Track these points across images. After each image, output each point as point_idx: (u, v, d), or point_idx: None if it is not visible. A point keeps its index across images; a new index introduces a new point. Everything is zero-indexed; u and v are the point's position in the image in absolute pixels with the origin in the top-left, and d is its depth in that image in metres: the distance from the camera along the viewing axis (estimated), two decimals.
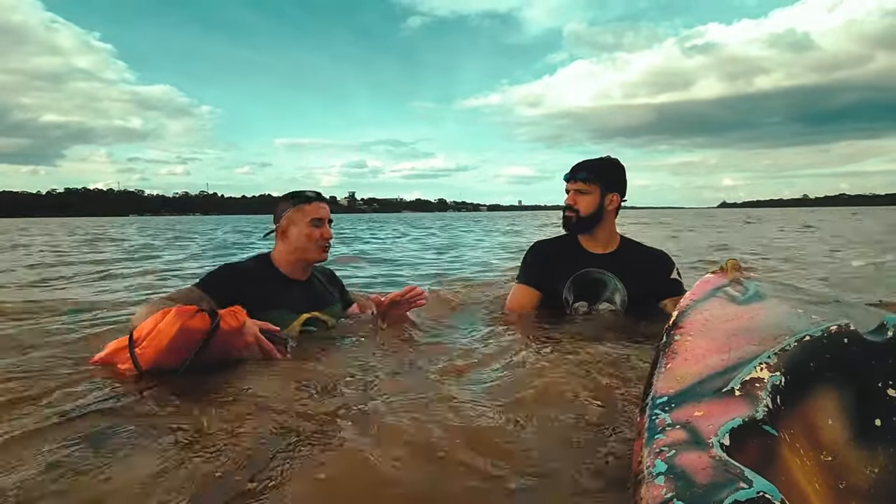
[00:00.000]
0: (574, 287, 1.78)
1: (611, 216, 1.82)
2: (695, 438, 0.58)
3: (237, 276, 1.59)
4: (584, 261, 1.81)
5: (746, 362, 0.70)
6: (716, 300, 1.03)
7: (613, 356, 1.38)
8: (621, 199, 1.81)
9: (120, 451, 0.89)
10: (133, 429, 0.97)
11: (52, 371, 1.33)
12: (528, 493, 0.78)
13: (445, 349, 1.56)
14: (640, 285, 1.77)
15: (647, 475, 0.55)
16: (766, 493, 0.46)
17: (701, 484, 0.50)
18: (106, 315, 2.28)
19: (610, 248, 1.85)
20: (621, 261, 1.81)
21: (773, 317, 0.88)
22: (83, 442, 0.92)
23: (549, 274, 1.83)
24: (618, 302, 1.76)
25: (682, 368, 0.77)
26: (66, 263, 5.45)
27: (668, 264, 1.85)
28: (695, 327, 0.90)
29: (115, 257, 6.39)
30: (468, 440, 0.92)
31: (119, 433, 0.95)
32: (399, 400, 1.10)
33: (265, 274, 1.65)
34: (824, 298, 1.06)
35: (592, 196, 1.77)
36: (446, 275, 4.07)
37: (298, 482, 0.80)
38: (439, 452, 0.88)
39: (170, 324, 1.12)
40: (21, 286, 3.63)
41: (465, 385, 1.22)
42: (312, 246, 1.65)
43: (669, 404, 0.67)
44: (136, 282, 3.86)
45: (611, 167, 1.82)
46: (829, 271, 4.01)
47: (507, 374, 1.29)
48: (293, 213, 1.66)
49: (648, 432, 0.63)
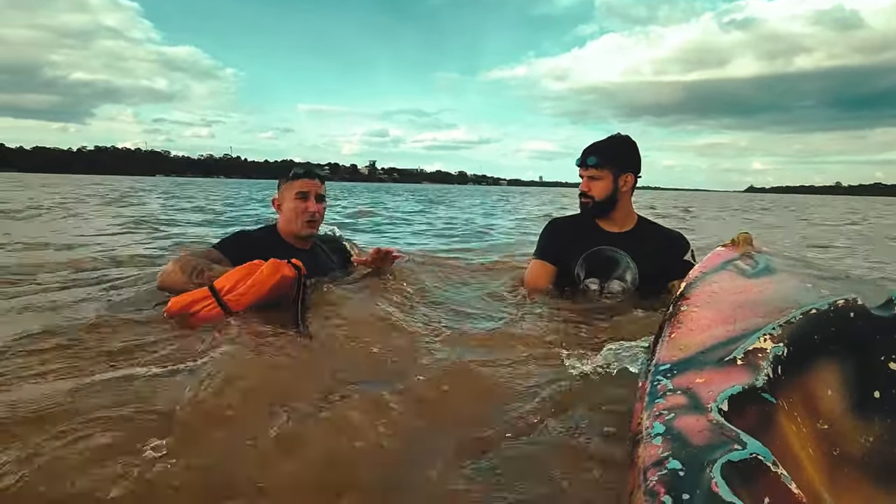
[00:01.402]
0: (586, 264, 1.80)
1: (626, 196, 1.82)
2: (694, 403, 0.60)
3: (248, 242, 1.72)
4: (598, 238, 1.83)
5: (751, 333, 0.72)
6: (725, 273, 1.03)
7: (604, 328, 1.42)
8: (636, 177, 1.80)
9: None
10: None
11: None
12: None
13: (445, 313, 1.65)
14: (652, 265, 1.78)
15: (644, 436, 0.57)
16: (759, 455, 0.48)
17: (696, 445, 0.52)
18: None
19: (626, 227, 1.85)
20: (636, 240, 1.82)
21: (781, 290, 0.89)
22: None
23: (563, 250, 1.86)
24: (629, 280, 1.78)
25: (687, 338, 0.79)
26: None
27: (682, 246, 1.85)
28: (701, 298, 0.91)
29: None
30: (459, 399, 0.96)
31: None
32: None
33: (272, 242, 1.76)
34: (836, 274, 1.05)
35: (605, 181, 1.78)
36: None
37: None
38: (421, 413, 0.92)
39: (270, 274, 1.39)
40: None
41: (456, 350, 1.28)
42: (297, 219, 1.75)
43: (671, 371, 0.69)
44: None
45: (622, 147, 1.81)
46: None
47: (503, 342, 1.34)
48: (285, 187, 1.78)
49: (649, 396, 0.65)
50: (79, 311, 1.54)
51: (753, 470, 0.47)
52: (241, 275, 1.41)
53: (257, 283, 1.38)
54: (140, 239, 4.11)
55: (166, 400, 0.93)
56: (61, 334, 1.31)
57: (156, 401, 0.93)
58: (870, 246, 5.28)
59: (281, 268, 1.40)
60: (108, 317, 1.46)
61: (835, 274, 1.06)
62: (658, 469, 0.50)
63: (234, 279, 1.40)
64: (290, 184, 1.77)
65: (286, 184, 1.78)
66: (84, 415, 0.87)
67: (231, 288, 1.39)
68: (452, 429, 0.91)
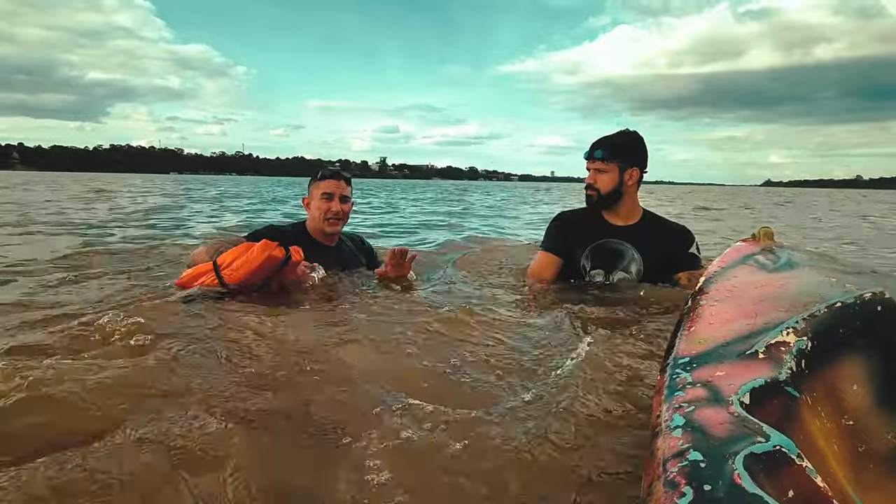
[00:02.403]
0: (592, 256, 1.85)
1: (631, 190, 1.86)
2: (714, 396, 0.59)
3: (276, 235, 1.81)
4: (604, 231, 1.87)
5: (773, 327, 0.70)
6: (745, 267, 1.02)
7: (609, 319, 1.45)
8: (642, 172, 1.84)
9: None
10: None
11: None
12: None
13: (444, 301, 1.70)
14: (656, 257, 1.82)
15: (664, 428, 0.57)
16: (783, 447, 0.47)
17: (718, 437, 0.51)
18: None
19: (631, 220, 1.90)
20: (641, 233, 1.86)
21: (804, 284, 0.87)
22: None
23: (570, 242, 1.91)
24: (633, 272, 1.82)
25: (706, 332, 0.77)
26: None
27: (687, 239, 1.89)
28: (721, 293, 0.90)
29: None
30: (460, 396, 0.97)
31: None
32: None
33: (300, 238, 1.87)
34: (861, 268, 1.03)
35: (611, 174, 1.81)
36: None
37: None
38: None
39: (259, 252, 1.52)
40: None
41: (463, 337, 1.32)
42: (321, 218, 1.88)
43: (691, 364, 0.68)
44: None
45: (628, 141, 1.84)
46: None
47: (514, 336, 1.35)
48: (313, 188, 1.91)
49: (668, 389, 0.64)
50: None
51: (777, 462, 0.46)
52: (238, 253, 1.56)
53: (249, 261, 1.52)
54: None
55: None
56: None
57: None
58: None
59: (269, 248, 1.53)
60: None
61: (860, 268, 1.04)
62: (678, 460, 0.49)
63: (233, 256, 1.55)
64: (317, 184, 1.89)
65: (314, 184, 1.90)
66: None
67: (228, 264, 1.54)
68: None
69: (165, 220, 5.80)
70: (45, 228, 4.24)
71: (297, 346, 1.20)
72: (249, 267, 1.52)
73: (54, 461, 0.72)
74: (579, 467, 0.77)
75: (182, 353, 1.10)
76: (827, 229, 6.90)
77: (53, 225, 4.55)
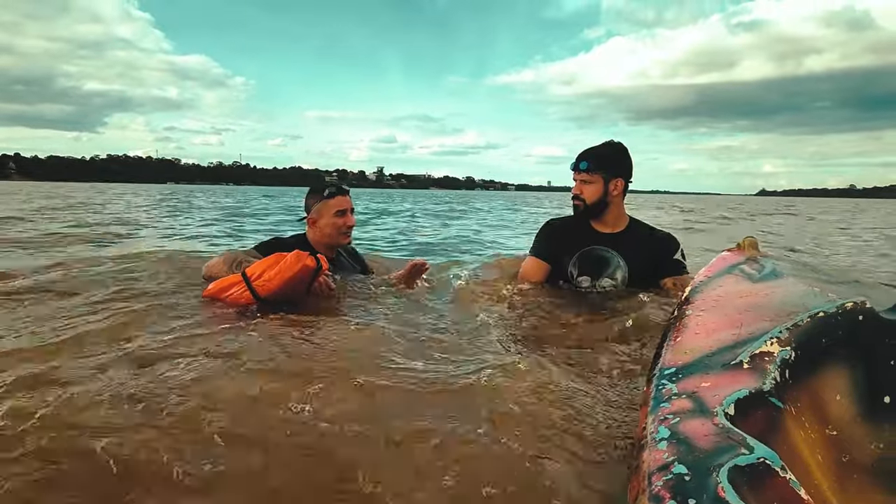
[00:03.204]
0: (579, 262, 1.91)
1: (617, 200, 1.92)
2: (699, 407, 0.59)
3: (281, 246, 1.88)
4: (591, 239, 1.93)
5: (757, 337, 0.70)
6: (730, 277, 1.02)
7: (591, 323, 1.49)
8: (626, 182, 1.90)
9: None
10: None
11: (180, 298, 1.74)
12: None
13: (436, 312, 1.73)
14: (642, 264, 1.88)
15: (650, 440, 0.56)
16: (767, 459, 0.47)
17: (702, 449, 0.51)
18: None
19: (617, 228, 1.95)
20: (626, 240, 1.92)
21: (788, 294, 0.88)
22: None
23: (558, 249, 1.97)
24: (619, 278, 1.87)
25: (692, 342, 0.78)
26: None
27: (672, 245, 1.94)
28: (707, 303, 0.90)
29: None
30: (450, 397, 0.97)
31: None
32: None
33: (303, 249, 1.93)
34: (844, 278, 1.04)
35: (597, 185, 1.87)
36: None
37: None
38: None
39: (294, 262, 1.52)
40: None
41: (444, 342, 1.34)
42: (337, 233, 1.96)
43: (676, 375, 0.68)
44: None
45: (613, 153, 1.90)
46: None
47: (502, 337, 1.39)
48: (321, 206, 1.97)
49: (654, 401, 0.64)
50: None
51: (761, 475, 0.46)
52: (269, 263, 1.56)
53: (282, 271, 1.52)
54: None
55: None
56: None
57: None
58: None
59: (303, 258, 1.54)
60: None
61: (843, 278, 1.05)
62: (663, 474, 0.49)
63: (263, 267, 1.56)
64: (326, 203, 1.96)
65: (322, 202, 1.97)
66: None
67: (259, 275, 1.54)
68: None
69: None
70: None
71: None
72: (283, 276, 1.53)
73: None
74: (556, 483, 0.76)
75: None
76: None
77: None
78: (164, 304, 1.63)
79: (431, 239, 5.72)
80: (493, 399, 0.94)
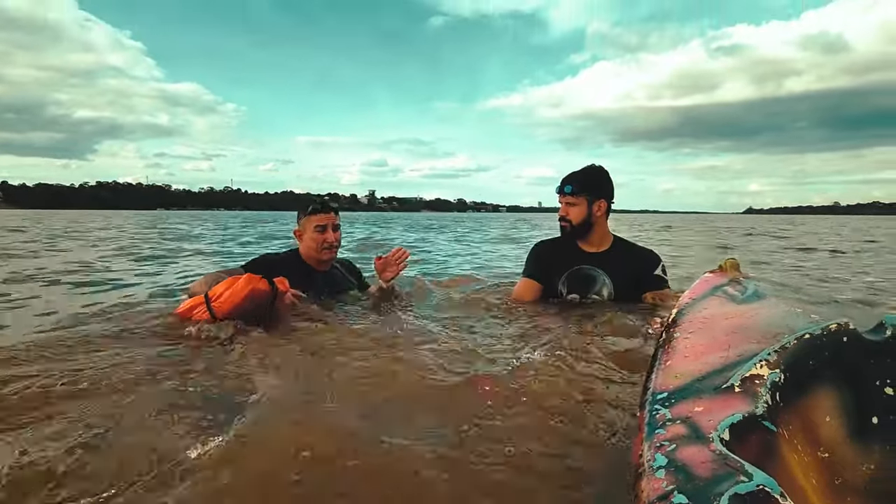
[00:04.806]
0: (568, 281, 2.01)
1: (601, 220, 2.03)
2: (695, 433, 0.58)
3: (274, 263, 1.98)
4: (578, 259, 2.04)
5: (746, 360, 0.71)
6: (715, 298, 1.04)
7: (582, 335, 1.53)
8: (609, 203, 2.02)
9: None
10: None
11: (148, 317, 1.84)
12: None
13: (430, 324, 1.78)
14: (625, 280, 1.99)
15: (647, 469, 0.56)
16: (766, 487, 0.47)
17: (701, 477, 0.50)
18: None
19: (602, 247, 2.06)
20: (611, 259, 2.03)
21: (772, 315, 0.89)
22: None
23: (547, 269, 2.07)
24: (605, 294, 1.98)
25: (682, 365, 0.78)
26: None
27: (653, 262, 2.05)
28: (694, 325, 0.91)
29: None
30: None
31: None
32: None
33: (295, 264, 2.04)
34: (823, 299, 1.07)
35: (581, 207, 1.99)
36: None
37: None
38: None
39: (243, 286, 1.56)
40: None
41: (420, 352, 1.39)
42: (318, 248, 2.01)
43: (669, 400, 0.68)
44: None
45: (596, 176, 2.03)
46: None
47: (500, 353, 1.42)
48: (304, 221, 2.03)
49: (648, 427, 0.64)
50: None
51: (761, 502, 0.46)
52: (226, 286, 1.60)
53: (233, 293, 1.57)
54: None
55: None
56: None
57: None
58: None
59: (253, 281, 1.58)
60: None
61: (821, 299, 1.08)
62: (663, 503, 0.48)
63: (223, 288, 1.60)
64: (308, 218, 2.02)
65: (305, 218, 2.02)
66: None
67: (218, 296, 1.60)
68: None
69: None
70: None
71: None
72: (233, 300, 1.57)
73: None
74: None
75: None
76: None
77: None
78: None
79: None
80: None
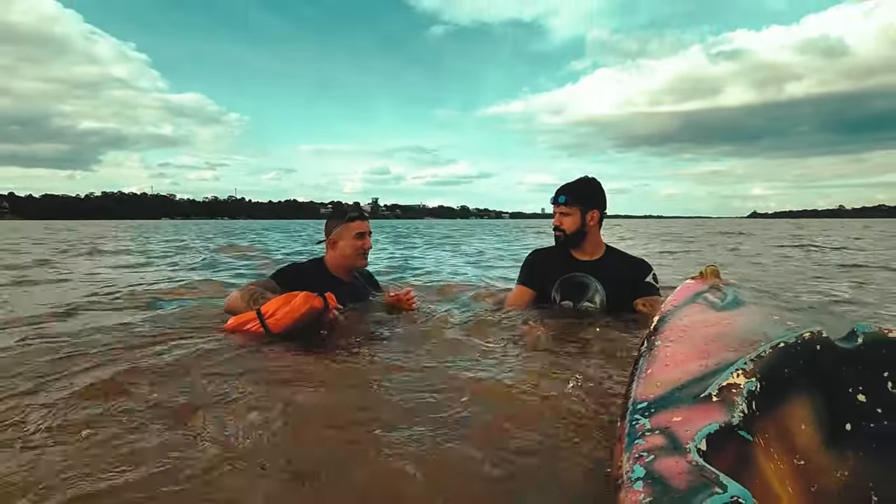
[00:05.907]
0: (561, 289, 2.03)
1: (594, 229, 2.08)
2: (673, 444, 0.59)
3: (300, 273, 2.05)
4: (571, 266, 2.07)
5: (724, 368, 0.72)
6: (696, 306, 1.05)
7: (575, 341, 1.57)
8: (602, 213, 2.08)
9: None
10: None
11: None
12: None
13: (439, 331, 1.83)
14: (617, 288, 2.02)
15: (626, 480, 0.56)
16: (740, 498, 0.47)
17: (678, 489, 0.51)
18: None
19: (595, 255, 2.11)
20: (603, 267, 2.07)
21: (749, 323, 0.90)
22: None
23: (541, 277, 2.11)
24: (598, 302, 2.00)
25: (662, 374, 0.78)
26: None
27: (644, 270, 2.10)
28: (675, 333, 0.92)
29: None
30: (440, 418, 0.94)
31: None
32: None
33: (320, 275, 2.10)
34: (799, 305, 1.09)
35: (574, 216, 2.04)
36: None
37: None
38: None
39: (301, 304, 1.65)
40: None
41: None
42: (356, 254, 2.09)
43: (649, 409, 0.69)
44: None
45: (588, 187, 2.08)
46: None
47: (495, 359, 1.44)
48: (342, 229, 2.09)
49: (628, 437, 0.64)
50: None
51: None
52: (281, 303, 1.69)
53: (292, 311, 1.66)
54: None
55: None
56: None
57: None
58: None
59: (310, 300, 1.66)
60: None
61: (798, 305, 1.10)
62: None
63: (276, 306, 1.69)
64: (347, 226, 2.08)
65: (343, 226, 2.09)
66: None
67: (272, 313, 1.68)
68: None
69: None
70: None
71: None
72: (293, 316, 1.66)
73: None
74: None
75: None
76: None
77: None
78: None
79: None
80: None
